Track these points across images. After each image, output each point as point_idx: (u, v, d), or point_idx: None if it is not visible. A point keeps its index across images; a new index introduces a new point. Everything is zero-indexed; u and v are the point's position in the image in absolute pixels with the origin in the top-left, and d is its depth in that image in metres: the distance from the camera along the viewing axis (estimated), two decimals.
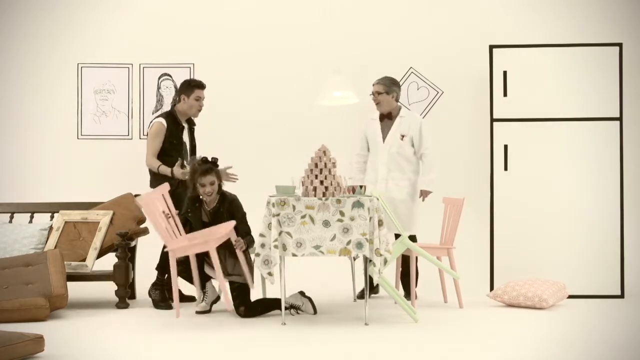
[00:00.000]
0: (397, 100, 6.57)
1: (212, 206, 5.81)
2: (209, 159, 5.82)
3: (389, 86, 6.51)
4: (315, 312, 5.75)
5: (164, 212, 5.64)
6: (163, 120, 6.22)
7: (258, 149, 7.63)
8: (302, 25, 7.64)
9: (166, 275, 6.17)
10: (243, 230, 5.73)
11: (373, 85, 6.58)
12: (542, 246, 6.63)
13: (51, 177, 7.63)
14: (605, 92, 6.62)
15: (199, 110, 6.34)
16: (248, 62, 7.66)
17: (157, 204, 5.62)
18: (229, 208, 5.80)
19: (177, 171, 6.03)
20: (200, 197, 5.81)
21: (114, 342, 4.92)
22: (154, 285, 6.21)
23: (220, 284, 5.67)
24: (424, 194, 6.46)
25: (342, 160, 5.93)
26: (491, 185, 6.71)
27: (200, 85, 6.30)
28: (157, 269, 6.24)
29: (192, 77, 7.58)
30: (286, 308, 5.60)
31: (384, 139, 6.51)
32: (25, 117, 7.70)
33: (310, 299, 5.79)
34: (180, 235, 5.71)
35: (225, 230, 5.51)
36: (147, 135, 6.34)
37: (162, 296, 6.13)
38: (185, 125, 6.38)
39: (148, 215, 5.55)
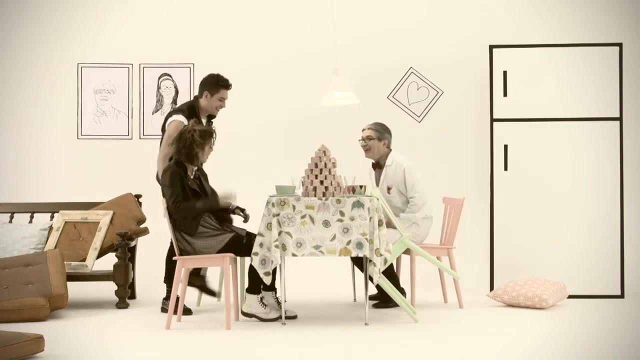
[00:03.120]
0: (388, 147, 6.27)
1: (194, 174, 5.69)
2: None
3: (381, 132, 6.22)
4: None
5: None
6: (183, 119, 5.79)
7: (258, 149, 7.63)
8: (302, 26, 7.64)
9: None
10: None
11: (363, 130, 6.30)
12: (542, 246, 6.63)
13: (51, 177, 7.63)
14: (605, 92, 6.62)
15: (218, 110, 6.02)
16: (248, 62, 7.66)
17: None
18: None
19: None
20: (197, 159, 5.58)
21: (114, 342, 4.92)
22: (165, 298, 5.96)
23: (232, 293, 5.65)
24: None
25: (342, 160, 5.93)
26: (491, 185, 6.71)
27: (227, 86, 5.97)
28: (165, 281, 5.97)
29: (192, 76, 7.60)
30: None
31: None
32: (25, 117, 7.70)
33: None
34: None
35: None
36: (162, 131, 5.97)
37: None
38: (204, 122, 6.03)
39: (169, 219, 5.47)
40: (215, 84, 5.94)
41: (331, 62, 7.51)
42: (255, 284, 5.53)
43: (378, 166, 6.33)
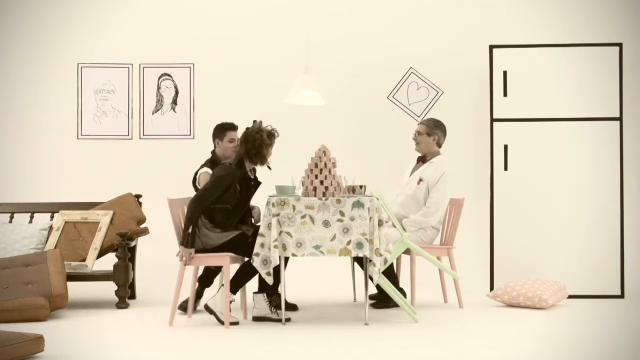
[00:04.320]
0: (439, 145, 6.30)
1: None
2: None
3: (432, 128, 6.26)
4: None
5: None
6: (209, 169, 5.94)
7: None
8: (303, 26, 7.63)
9: (204, 287, 6.01)
10: None
11: (418, 124, 6.41)
12: (542, 246, 6.63)
13: (51, 177, 7.63)
14: (605, 92, 6.62)
15: (234, 150, 6.03)
16: (249, 61, 7.66)
17: (180, 209, 5.60)
18: None
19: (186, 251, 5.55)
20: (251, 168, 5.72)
21: (114, 342, 4.92)
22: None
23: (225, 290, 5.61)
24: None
25: (342, 160, 5.93)
26: (491, 185, 6.71)
27: (233, 127, 6.11)
28: (198, 280, 5.95)
29: (192, 76, 7.61)
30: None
31: None
32: (25, 117, 7.70)
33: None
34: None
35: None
36: (194, 186, 6.04)
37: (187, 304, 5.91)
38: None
39: (172, 217, 5.49)
40: (221, 130, 6.11)
41: (332, 60, 7.54)
42: (239, 283, 5.49)
43: (422, 160, 6.34)
